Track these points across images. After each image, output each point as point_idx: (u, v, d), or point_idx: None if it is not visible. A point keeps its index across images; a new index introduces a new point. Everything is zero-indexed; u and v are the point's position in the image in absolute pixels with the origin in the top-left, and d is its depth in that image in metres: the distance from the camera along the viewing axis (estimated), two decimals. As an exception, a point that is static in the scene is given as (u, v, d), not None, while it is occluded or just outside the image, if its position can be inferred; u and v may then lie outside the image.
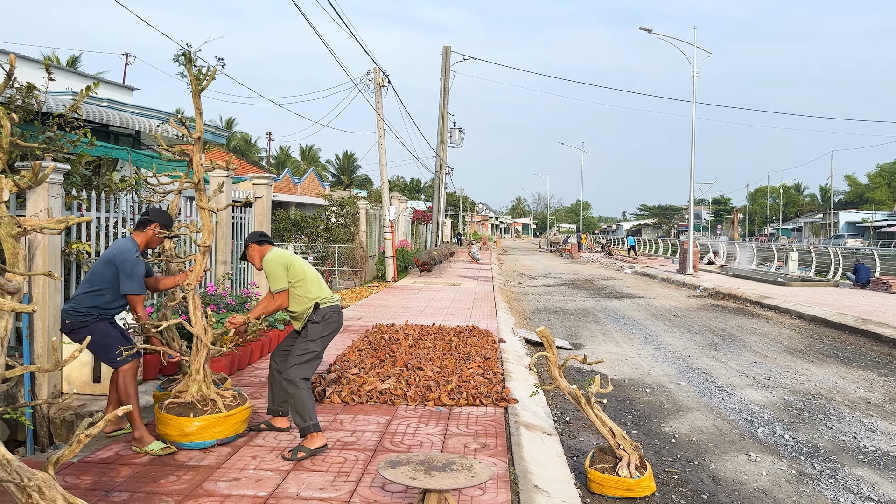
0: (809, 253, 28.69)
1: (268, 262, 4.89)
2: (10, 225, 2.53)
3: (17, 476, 2.50)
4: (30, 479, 2.53)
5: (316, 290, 4.93)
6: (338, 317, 5.00)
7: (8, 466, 2.52)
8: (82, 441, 2.63)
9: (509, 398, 6.09)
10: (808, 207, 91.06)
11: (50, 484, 2.58)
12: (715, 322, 13.29)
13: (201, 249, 4.92)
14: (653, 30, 24.15)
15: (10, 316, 2.63)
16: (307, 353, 4.82)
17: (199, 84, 4.94)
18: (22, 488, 2.51)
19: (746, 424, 6.41)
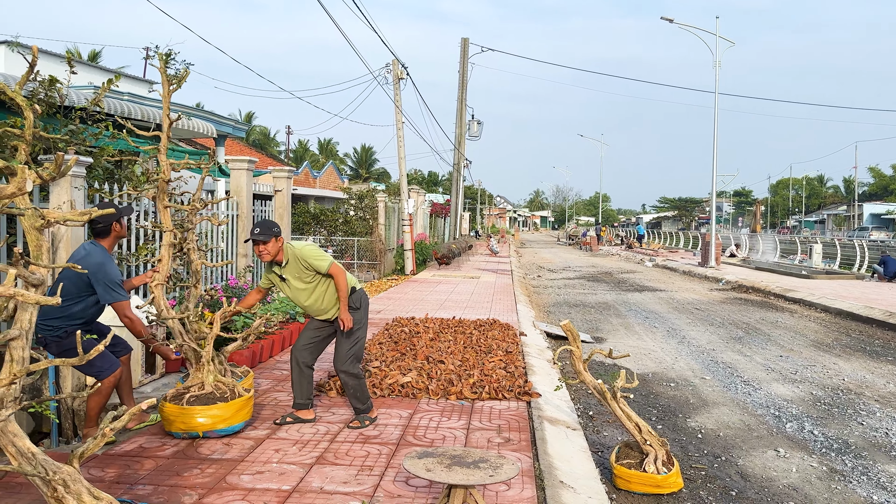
0: (834, 245, 28.25)
1: (303, 248, 4.86)
2: (34, 217, 2.50)
3: (42, 470, 2.48)
4: (55, 472, 2.52)
5: (350, 276, 5.01)
6: (368, 300, 5.17)
7: (33, 460, 2.51)
8: (107, 435, 2.61)
9: (532, 392, 6.03)
10: (831, 199, 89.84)
11: (75, 478, 2.56)
12: (739, 315, 13.11)
13: (166, 249, 4.96)
14: (674, 19, 23.84)
15: (35, 308, 2.61)
16: (358, 343, 5.00)
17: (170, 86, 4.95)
18: (47, 482, 2.50)
19: (774, 420, 6.30)
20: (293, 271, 4.88)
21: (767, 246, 31.86)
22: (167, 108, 4.99)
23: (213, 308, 7.01)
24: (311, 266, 4.83)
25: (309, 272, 4.87)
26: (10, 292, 1.92)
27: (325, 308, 4.98)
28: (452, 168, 32.68)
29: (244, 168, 9.14)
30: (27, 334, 2.60)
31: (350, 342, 4.96)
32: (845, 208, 77.96)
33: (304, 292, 4.93)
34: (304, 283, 4.92)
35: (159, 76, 5.06)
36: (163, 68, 5.04)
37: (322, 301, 4.96)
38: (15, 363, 2.53)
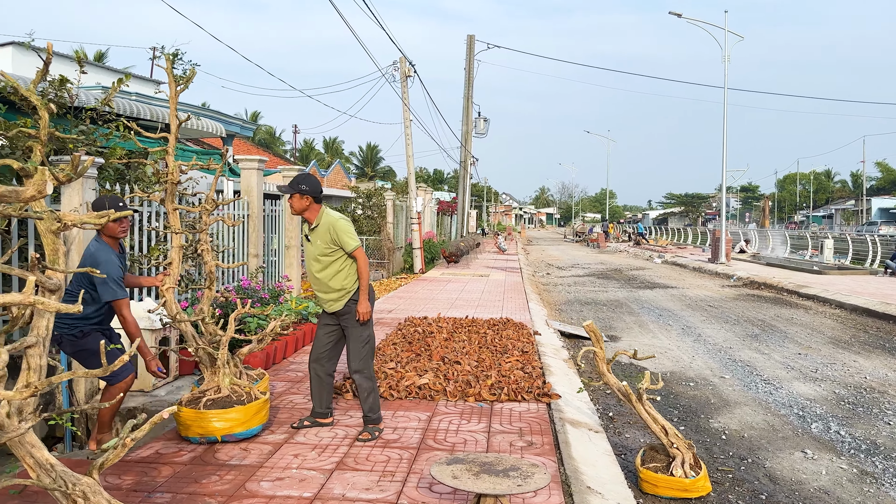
0: (845, 240, 28.02)
1: (339, 220, 4.69)
2: (51, 220, 2.41)
3: (62, 482, 2.40)
4: (74, 484, 2.43)
5: None
6: (374, 292, 5.00)
7: (52, 472, 2.42)
8: (127, 445, 2.52)
9: (552, 394, 5.92)
10: (838, 194, 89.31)
11: (95, 489, 2.48)
12: (753, 312, 12.96)
13: (176, 251, 4.84)
14: (682, 14, 23.65)
15: (52, 315, 2.52)
16: (368, 340, 4.81)
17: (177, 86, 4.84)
18: (67, 495, 2.41)
19: (798, 420, 6.17)
20: (320, 236, 4.71)
21: (777, 241, 31.66)
22: (174, 109, 4.89)
23: (225, 309, 6.93)
24: (338, 239, 4.66)
25: (334, 245, 4.69)
26: (31, 300, 1.83)
27: (331, 287, 4.73)
28: (459, 166, 32.57)
29: (255, 168, 9.06)
30: (44, 341, 2.51)
31: (364, 339, 4.79)
32: (853, 203, 77.49)
33: (319, 262, 4.74)
34: (324, 254, 4.71)
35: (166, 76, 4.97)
36: (169, 68, 4.95)
37: (332, 279, 4.72)
38: (32, 371, 2.45)
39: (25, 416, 2.30)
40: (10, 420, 2.32)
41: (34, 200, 1.82)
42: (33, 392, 1.87)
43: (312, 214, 4.72)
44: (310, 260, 4.81)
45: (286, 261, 10.28)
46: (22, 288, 5.95)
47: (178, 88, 4.74)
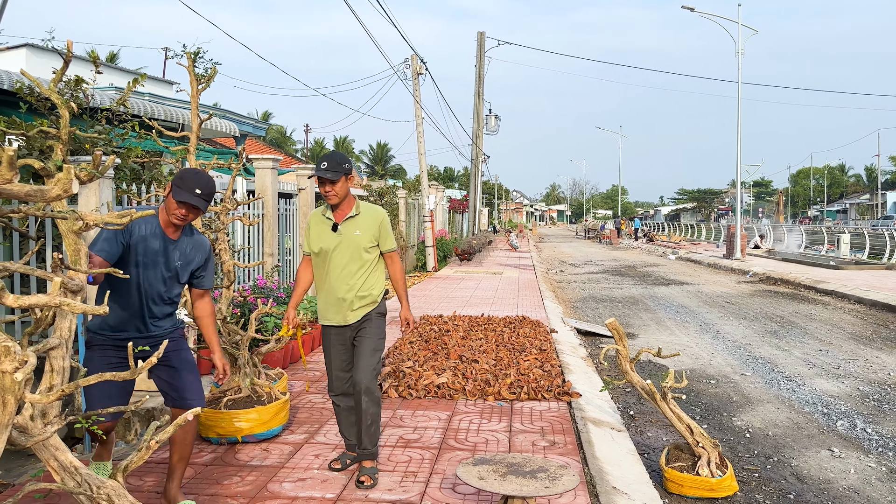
0: (862, 235, 27.73)
1: (381, 212, 4.07)
2: (73, 220, 2.38)
3: (86, 486, 2.37)
4: (99, 488, 2.40)
5: None
6: None
7: (77, 475, 2.39)
8: (152, 447, 2.48)
9: (572, 392, 5.86)
10: (852, 188, 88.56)
11: (119, 493, 2.44)
12: (771, 308, 12.83)
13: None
14: (695, 8, 23.46)
15: (74, 317, 2.49)
16: (379, 355, 4.03)
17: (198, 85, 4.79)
18: (91, 498, 2.38)
19: (823, 417, 6.08)
20: (364, 228, 3.95)
21: (792, 237, 31.37)
22: (196, 108, 4.86)
23: (242, 309, 6.91)
24: (385, 236, 4.02)
25: (373, 242, 3.99)
26: (57, 301, 1.79)
27: (366, 292, 3.97)
28: (470, 163, 32.50)
29: (269, 167, 9.03)
30: (67, 343, 2.48)
31: (377, 353, 4.01)
32: (868, 197, 76.78)
33: (358, 260, 3.95)
34: (361, 252, 3.96)
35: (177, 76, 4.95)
36: (191, 67, 4.91)
37: (369, 281, 3.97)
38: (55, 373, 2.42)
39: (51, 419, 2.27)
40: (34, 423, 2.29)
41: (59, 200, 1.79)
42: (59, 395, 1.83)
43: (351, 203, 3.98)
44: (339, 256, 3.94)
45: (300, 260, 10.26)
46: (39, 289, 5.95)
47: (200, 87, 4.70)
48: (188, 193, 3.22)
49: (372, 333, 4.00)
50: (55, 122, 6.26)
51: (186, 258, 3.44)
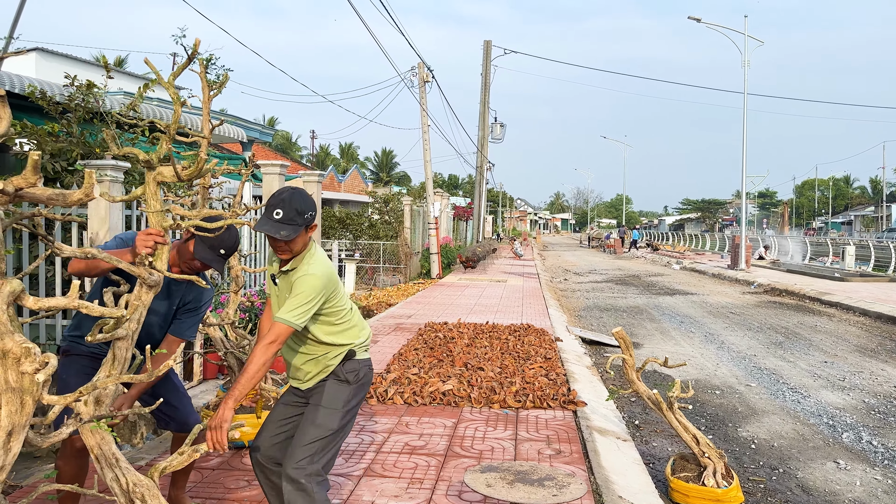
0: (867, 247, 27.69)
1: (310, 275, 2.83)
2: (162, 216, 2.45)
3: (123, 479, 2.44)
4: (135, 484, 2.48)
5: (360, 327, 3.10)
6: (371, 376, 3.15)
7: (116, 467, 2.47)
8: (192, 456, 2.51)
9: (577, 401, 5.86)
10: (857, 200, 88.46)
11: (154, 493, 2.51)
12: (776, 319, 12.81)
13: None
14: (702, 19, 23.53)
15: (144, 310, 2.55)
16: (326, 432, 2.90)
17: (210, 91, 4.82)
18: (125, 493, 2.46)
19: (829, 429, 6.07)
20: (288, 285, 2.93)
21: (797, 248, 31.34)
22: (207, 114, 4.89)
23: (248, 314, 6.93)
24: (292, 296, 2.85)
25: None
26: (75, 304, 1.82)
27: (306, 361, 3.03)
28: (475, 171, 32.55)
29: (276, 173, 9.08)
30: (133, 335, 2.53)
31: (314, 425, 2.92)
32: (873, 209, 76.69)
33: None
34: None
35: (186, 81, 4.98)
36: (203, 73, 4.95)
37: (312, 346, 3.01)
38: (116, 362, 2.48)
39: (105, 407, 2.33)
40: (86, 407, 2.36)
41: (80, 203, 1.81)
42: (77, 397, 1.85)
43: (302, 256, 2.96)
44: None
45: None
46: (48, 292, 5.99)
47: (212, 94, 4.74)
48: (212, 253, 2.98)
49: (314, 403, 2.98)
50: (66, 126, 6.31)
51: (184, 300, 3.18)
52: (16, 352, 1.75)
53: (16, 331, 1.79)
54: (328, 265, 2.91)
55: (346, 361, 3.01)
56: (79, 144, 6.19)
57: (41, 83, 7.27)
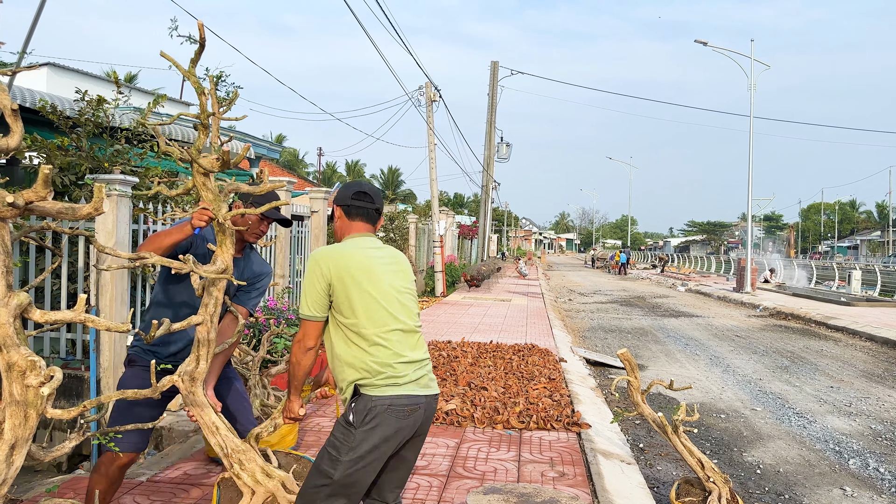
0: (873, 272, 27.57)
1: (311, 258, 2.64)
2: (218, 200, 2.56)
3: (223, 444, 2.62)
4: (233, 449, 2.64)
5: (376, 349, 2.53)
6: (398, 421, 2.49)
7: (217, 434, 2.62)
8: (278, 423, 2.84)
9: (581, 423, 5.82)
10: (864, 224, 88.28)
11: (250, 456, 2.69)
12: (781, 343, 12.74)
13: None
14: (708, 42, 23.66)
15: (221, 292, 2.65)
16: (316, 478, 2.49)
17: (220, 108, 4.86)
18: (226, 456, 2.64)
19: (835, 455, 6.01)
20: None
21: (802, 272, 31.23)
22: (217, 131, 4.92)
23: (252, 329, 6.92)
24: None
25: None
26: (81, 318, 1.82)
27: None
28: (481, 190, 32.62)
29: (283, 189, 9.11)
30: (213, 318, 2.60)
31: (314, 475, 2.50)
32: (879, 234, 76.48)
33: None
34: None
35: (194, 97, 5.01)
36: (213, 90, 5.00)
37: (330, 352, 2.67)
38: (202, 344, 2.57)
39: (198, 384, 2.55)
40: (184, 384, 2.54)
41: (90, 217, 1.82)
42: (81, 411, 1.85)
43: None
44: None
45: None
46: (53, 304, 6.00)
47: (221, 110, 4.78)
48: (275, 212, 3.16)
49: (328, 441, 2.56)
50: (76, 140, 6.36)
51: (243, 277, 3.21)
52: (21, 365, 1.75)
53: (21, 343, 1.79)
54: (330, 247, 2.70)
55: (356, 397, 2.52)
56: (88, 158, 6.23)
57: (52, 98, 7.35)
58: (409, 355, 2.58)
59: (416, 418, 2.54)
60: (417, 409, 2.53)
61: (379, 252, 2.70)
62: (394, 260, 2.74)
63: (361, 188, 2.77)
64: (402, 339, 2.58)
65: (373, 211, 2.74)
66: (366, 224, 2.75)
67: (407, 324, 2.61)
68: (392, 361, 2.52)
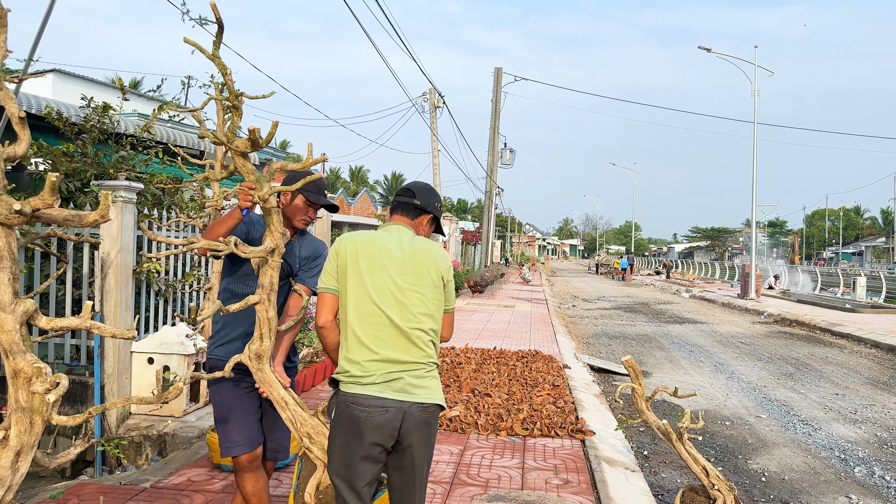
0: (878, 278, 27.49)
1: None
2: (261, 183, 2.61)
3: (293, 418, 2.68)
4: (301, 424, 2.69)
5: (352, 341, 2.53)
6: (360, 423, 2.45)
7: (286, 409, 2.69)
8: None
9: (586, 430, 5.80)
10: (868, 231, 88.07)
11: (319, 430, 2.72)
12: (786, 350, 12.69)
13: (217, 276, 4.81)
14: (712, 49, 23.67)
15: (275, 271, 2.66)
16: None
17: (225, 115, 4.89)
18: (296, 429, 2.69)
19: (840, 463, 5.98)
20: None
21: (807, 278, 31.14)
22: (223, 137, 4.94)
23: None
24: None
25: None
26: (87, 325, 1.82)
27: None
28: (484, 196, 32.62)
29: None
30: (270, 296, 2.62)
31: None
32: (884, 240, 76.29)
33: None
34: None
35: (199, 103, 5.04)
36: (219, 97, 5.02)
37: None
38: (262, 322, 2.62)
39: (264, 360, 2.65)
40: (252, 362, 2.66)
41: (97, 224, 1.83)
42: (86, 417, 1.85)
43: None
44: None
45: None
46: (58, 310, 6.01)
47: (226, 117, 4.80)
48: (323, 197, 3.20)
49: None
50: (81, 146, 6.39)
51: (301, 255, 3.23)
52: (27, 371, 1.75)
53: (27, 350, 1.79)
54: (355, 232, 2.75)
55: (334, 393, 2.60)
56: (93, 165, 6.25)
57: (58, 104, 7.38)
58: (387, 354, 2.48)
59: (388, 424, 2.43)
60: (384, 411, 2.43)
61: (394, 245, 2.62)
62: (411, 255, 2.61)
63: (406, 185, 2.86)
64: (385, 337, 2.50)
65: (409, 204, 2.76)
66: (402, 216, 2.77)
67: (397, 323, 2.50)
68: (361, 359, 2.48)
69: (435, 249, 2.69)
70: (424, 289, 2.59)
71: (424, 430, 2.52)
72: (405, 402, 2.46)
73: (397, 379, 2.48)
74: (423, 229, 2.81)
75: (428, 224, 2.83)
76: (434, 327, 2.60)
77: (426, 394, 2.52)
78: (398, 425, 2.45)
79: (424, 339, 2.55)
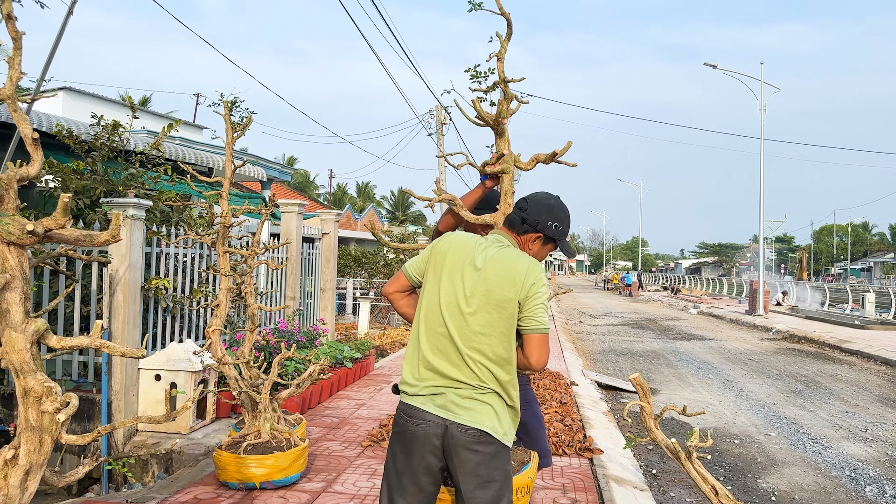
0: (888, 294, 27.31)
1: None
2: None
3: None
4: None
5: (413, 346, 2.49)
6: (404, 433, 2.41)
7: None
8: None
9: (594, 448, 5.77)
10: (877, 247, 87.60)
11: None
12: (795, 367, 12.61)
13: (224, 293, 4.85)
14: (718, 65, 23.74)
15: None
16: None
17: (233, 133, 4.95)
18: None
19: (851, 482, 5.92)
20: None
21: (815, 294, 30.98)
22: (230, 155, 5.00)
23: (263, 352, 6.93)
24: None
25: None
26: (97, 343, 1.83)
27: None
28: (491, 212, 32.69)
29: (295, 211, 9.17)
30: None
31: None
32: (892, 256, 75.85)
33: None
34: None
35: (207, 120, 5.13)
36: (227, 115, 5.07)
37: None
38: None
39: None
40: None
41: (108, 244, 1.84)
42: (95, 437, 1.86)
43: None
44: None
45: (321, 304, 10.31)
46: (65, 328, 6.04)
47: (235, 135, 4.85)
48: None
49: None
50: (91, 163, 6.44)
51: None
52: (37, 390, 1.76)
53: (38, 369, 1.80)
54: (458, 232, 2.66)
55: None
56: (102, 182, 6.30)
57: (68, 122, 7.45)
58: (439, 367, 2.36)
59: (429, 439, 2.32)
60: (424, 424, 2.33)
61: (479, 256, 2.45)
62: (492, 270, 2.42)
63: (529, 195, 2.72)
64: (443, 350, 2.37)
65: (517, 218, 2.62)
66: (508, 228, 2.65)
67: (455, 339, 2.36)
68: (417, 367, 2.42)
69: (522, 267, 2.43)
70: (494, 309, 2.38)
71: (469, 458, 2.31)
72: (449, 421, 2.33)
73: (440, 394, 2.36)
74: (530, 248, 2.60)
75: (536, 243, 2.61)
76: (499, 351, 2.37)
77: (470, 416, 2.32)
78: (439, 443, 2.33)
79: (482, 361, 2.36)
